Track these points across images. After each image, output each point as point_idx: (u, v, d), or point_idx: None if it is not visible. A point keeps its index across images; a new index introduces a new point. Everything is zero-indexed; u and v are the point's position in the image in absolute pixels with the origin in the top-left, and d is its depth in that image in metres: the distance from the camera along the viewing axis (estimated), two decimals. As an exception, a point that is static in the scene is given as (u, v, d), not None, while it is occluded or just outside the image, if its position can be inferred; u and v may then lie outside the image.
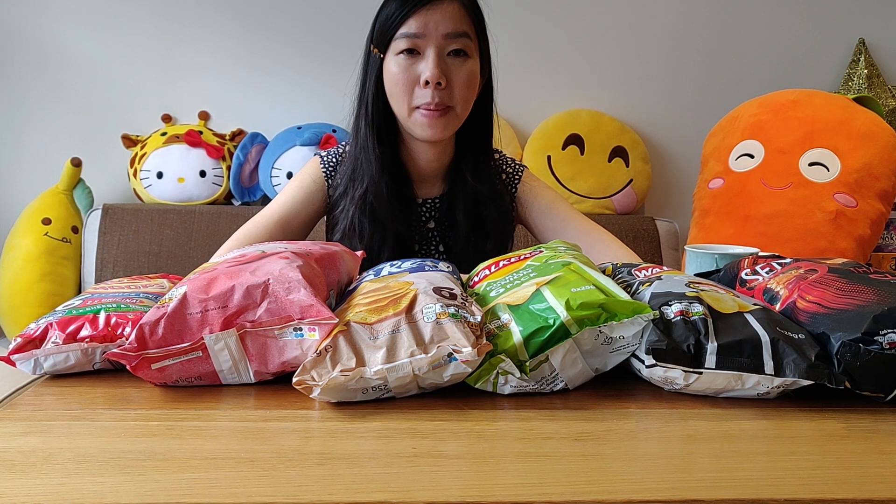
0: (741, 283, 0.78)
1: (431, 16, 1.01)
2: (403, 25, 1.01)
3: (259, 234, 1.09)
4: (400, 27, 1.01)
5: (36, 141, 2.20)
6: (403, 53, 1.02)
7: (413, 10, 1.01)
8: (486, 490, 0.43)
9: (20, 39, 2.16)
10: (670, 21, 2.27)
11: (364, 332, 0.59)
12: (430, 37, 1.01)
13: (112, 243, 1.99)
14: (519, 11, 2.24)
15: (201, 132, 2.10)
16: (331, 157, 1.18)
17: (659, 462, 0.48)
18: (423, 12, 1.01)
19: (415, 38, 1.01)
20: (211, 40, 2.20)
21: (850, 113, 1.80)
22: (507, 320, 0.62)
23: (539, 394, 0.61)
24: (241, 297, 0.60)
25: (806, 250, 1.69)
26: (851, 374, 0.57)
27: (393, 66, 1.04)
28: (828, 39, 2.29)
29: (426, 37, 1.01)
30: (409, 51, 1.02)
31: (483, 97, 1.13)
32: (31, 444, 0.50)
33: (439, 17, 1.01)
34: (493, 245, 1.15)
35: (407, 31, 1.01)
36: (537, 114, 2.25)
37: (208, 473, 0.45)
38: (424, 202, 1.17)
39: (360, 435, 0.52)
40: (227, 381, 0.63)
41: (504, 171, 1.22)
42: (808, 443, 0.52)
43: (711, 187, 1.91)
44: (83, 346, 0.65)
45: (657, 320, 0.60)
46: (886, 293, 0.60)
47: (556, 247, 0.79)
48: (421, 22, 1.01)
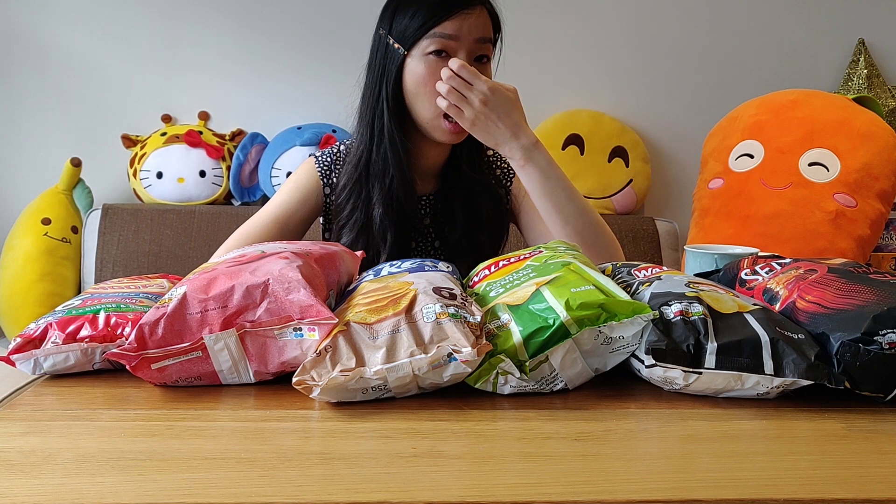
0: (741, 283, 0.78)
1: (466, 20, 1.02)
2: (439, 26, 1.01)
3: (256, 234, 1.09)
4: (434, 27, 1.01)
5: (35, 141, 2.20)
6: (433, 55, 1.03)
7: (451, 13, 1.01)
8: (485, 490, 0.43)
9: (20, 39, 2.16)
10: (670, 21, 2.27)
11: (364, 332, 0.59)
12: (463, 40, 1.02)
13: (112, 243, 1.99)
14: (519, 11, 2.24)
15: (201, 132, 2.10)
16: (325, 157, 1.18)
17: (659, 462, 0.48)
18: (461, 16, 1.01)
19: (448, 40, 1.02)
20: (211, 40, 2.20)
21: (850, 113, 1.80)
22: (507, 320, 0.62)
23: (539, 394, 0.61)
24: (241, 297, 0.60)
25: (805, 250, 1.69)
26: (851, 374, 0.57)
27: (421, 66, 1.03)
28: (828, 39, 2.29)
29: (460, 39, 1.02)
30: (438, 52, 1.03)
31: None
32: (31, 444, 0.50)
33: (473, 22, 1.02)
34: (487, 237, 1.16)
35: (443, 31, 1.01)
36: (537, 114, 2.24)
37: (208, 473, 0.45)
38: (420, 198, 1.18)
39: (359, 435, 0.52)
40: (227, 381, 0.63)
41: (499, 166, 1.23)
42: (807, 443, 0.52)
43: (711, 187, 1.91)
44: (83, 346, 0.65)
45: (657, 320, 0.60)
46: (886, 293, 0.60)
47: (555, 247, 0.79)
48: (457, 25, 1.01)
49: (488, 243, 1.16)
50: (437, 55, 1.02)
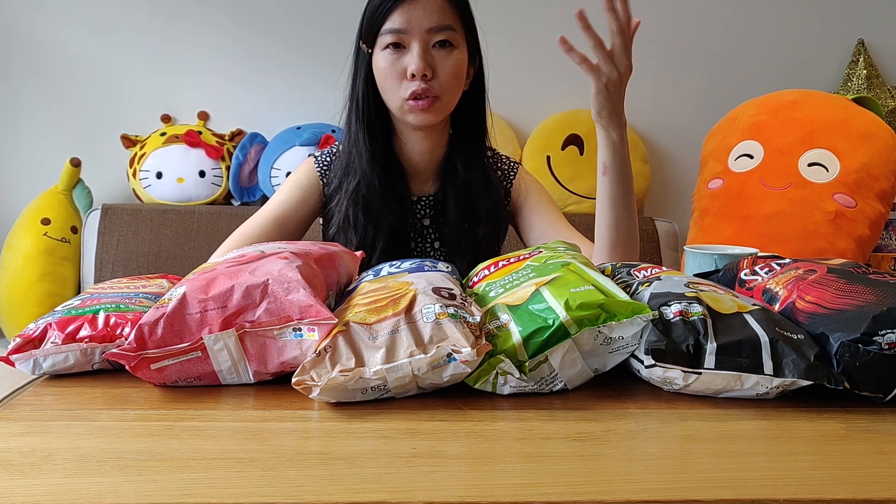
0: (740, 283, 0.78)
1: (414, 11, 1.02)
2: (388, 21, 1.03)
3: (256, 234, 1.09)
4: (384, 23, 1.03)
5: (35, 141, 2.20)
6: (390, 48, 1.04)
7: (395, 6, 1.02)
8: (485, 490, 0.43)
9: (19, 39, 2.16)
10: (670, 21, 2.27)
11: (363, 333, 0.59)
12: (413, 31, 1.03)
13: (111, 243, 1.99)
14: (519, 11, 2.24)
15: (200, 132, 2.10)
16: (325, 157, 1.19)
17: (658, 462, 0.48)
18: (406, 7, 1.02)
19: (399, 34, 1.03)
20: (210, 40, 2.20)
21: (850, 113, 1.81)
22: (507, 320, 0.62)
23: (538, 394, 0.61)
24: (241, 297, 0.60)
25: (805, 251, 1.70)
26: (850, 374, 0.57)
27: (381, 61, 1.06)
28: (827, 40, 2.29)
29: (410, 31, 1.03)
30: (395, 45, 1.04)
31: (474, 89, 1.14)
32: (31, 444, 0.50)
33: (422, 13, 1.03)
34: (484, 232, 1.16)
35: (391, 26, 1.03)
36: (537, 114, 2.25)
37: (207, 473, 0.45)
38: (419, 199, 1.18)
39: (359, 435, 0.52)
40: (227, 381, 0.63)
41: (499, 168, 1.23)
42: (807, 443, 0.52)
43: (711, 188, 1.91)
44: (82, 347, 0.65)
45: (656, 320, 0.60)
46: (885, 293, 0.60)
47: (555, 247, 0.79)
48: (404, 17, 1.02)
49: (487, 244, 1.16)
50: (394, 48, 1.04)
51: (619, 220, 1.04)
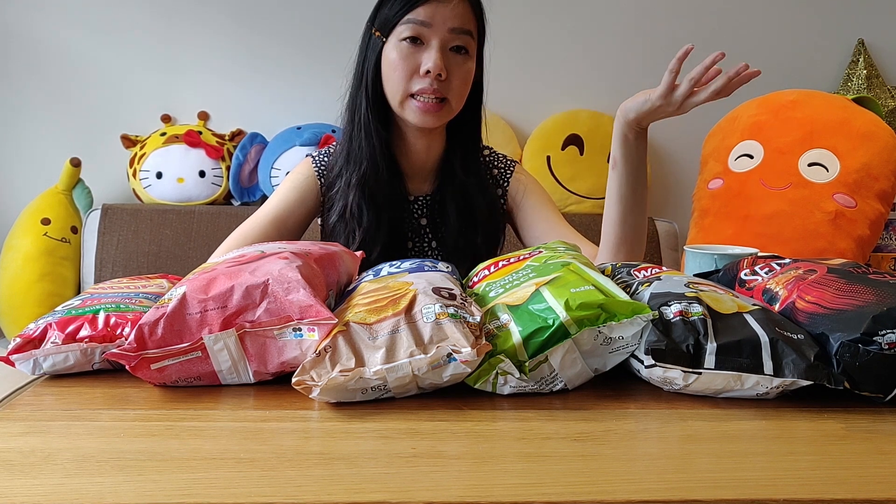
0: (740, 283, 0.78)
1: (440, 8, 1.03)
2: (412, 12, 1.03)
3: (254, 234, 1.09)
4: (408, 13, 1.03)
5: (35, 141, 2.20)
6: (407, 41, 1.04)
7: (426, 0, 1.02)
8: (485, 490, 0.43)
9: (19, 39, 2.16)
10: (670, 21, 2.27)
11: (363, 333, 0.59)
12: (436, 28, 1.03)
13: (111, 243, 1.99)
14: (519, 11, 2.24)
15: (200, 132, 2.10)
16: (322, 157, 1.19)
17: (658, 462, 0.48)
18: (434, 3, 1.02)
19: (421, 27, 1.03)
20: (210, 40, 2.20)
21: (850, 113, 1.81)
22: (507, 320, 0.62)
23: (538, 394, 0.61)
24: (241, 297, 0.60)
25: (805, 251, 1.70)
26: (850, 374, 0.57)
27: (394, 52, 1.05)
28: (827, 40, 2.29)
29: (433, 27, 1.03)
30: (412, 39, 1.03)
31: (473, 94, 1.15)
32: (31, 444, 0.50)
33: (448, 12, 1.03)
34: (483, 238, 1.16)
35: (415, 17, 1.02)
36: (537, 114, 2.25)
37: (207, 473, 0.45)
38: (416, 199, 1.18)
39: (359, 435, 0.52)
40: (227, 381, 0.63)
41: (496, 166, 1.23)
42: (807, 443, 0.52)
43: (711, 188, 1.91)
44: (82, 347, 0.65)
45: (656, 321, 0.60)
46: (885, 293, 0.60)
47: (555, 247, 0.79)
48: (430, 12, 1.02)
49: (484, 244, 1.16)
50: (410, 42, 1.03)
51: (625, 217, 1.04)
